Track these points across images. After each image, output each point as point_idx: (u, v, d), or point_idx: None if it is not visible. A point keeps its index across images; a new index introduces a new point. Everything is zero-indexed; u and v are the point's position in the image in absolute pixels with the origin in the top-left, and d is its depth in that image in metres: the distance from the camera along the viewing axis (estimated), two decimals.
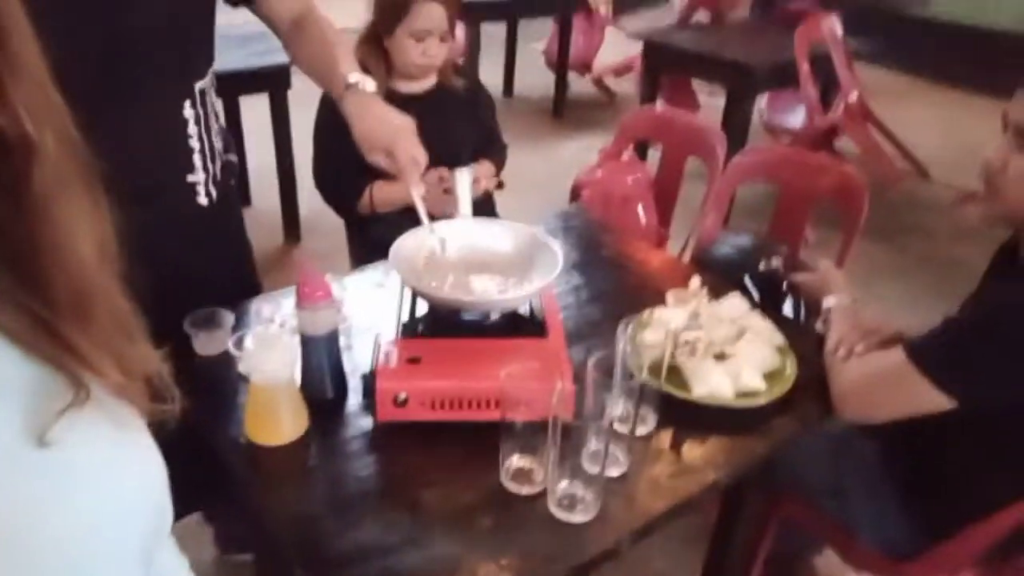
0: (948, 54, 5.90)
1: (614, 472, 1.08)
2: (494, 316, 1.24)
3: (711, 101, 4.77)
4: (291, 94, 3.10)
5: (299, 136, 3.01)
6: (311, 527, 0.99)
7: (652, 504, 1.05)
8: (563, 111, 5.09)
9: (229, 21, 1.42)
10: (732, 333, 1.28)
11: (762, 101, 4.28)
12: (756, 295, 1.72)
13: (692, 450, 1.14)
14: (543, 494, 1.04)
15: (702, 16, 4.76)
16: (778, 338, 1.31)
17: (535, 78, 5.45)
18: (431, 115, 2.05)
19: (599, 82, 5.28)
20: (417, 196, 1.28)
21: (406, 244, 1.28)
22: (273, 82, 3.04)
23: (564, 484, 1.03)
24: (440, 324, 1.23)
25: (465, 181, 1.36)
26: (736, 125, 3.48)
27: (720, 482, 1.10)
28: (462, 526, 1.00)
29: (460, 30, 4.55)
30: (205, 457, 1.15)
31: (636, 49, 4.51)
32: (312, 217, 3.29)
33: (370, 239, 2.00)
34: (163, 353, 0.66)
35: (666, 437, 1.16)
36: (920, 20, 6.48)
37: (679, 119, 2.44)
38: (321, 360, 1.15)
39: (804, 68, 3.52)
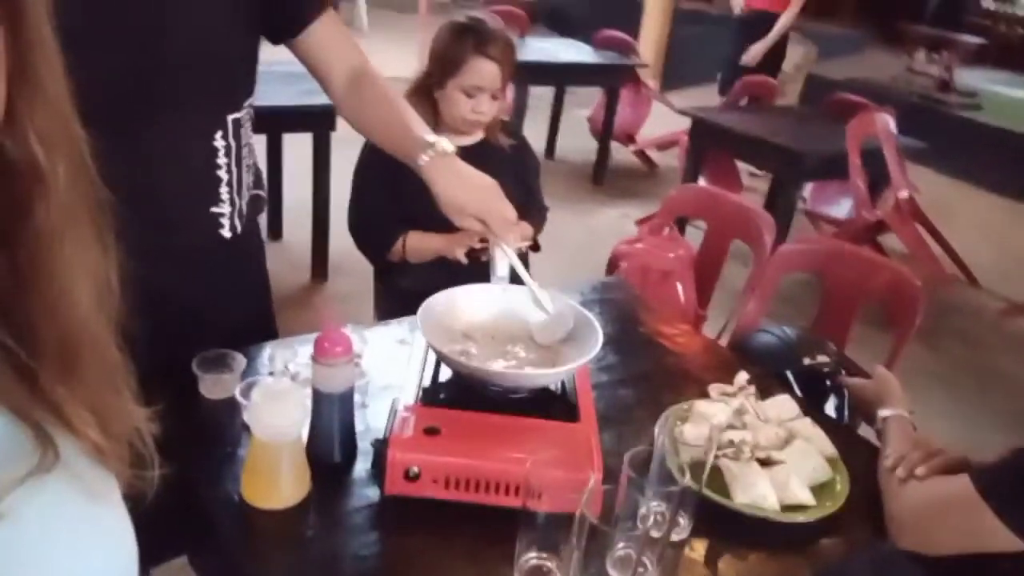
0: (997, 160, 5.84)
1: None
2: (523, 392, 1.15)
3: (753, 183, 4.72)
4: (333, 135, 3.10)
5: (337, 176, 3.00)
6: None
7: None
8: (603, 178, 5.06)
9: (278, 57, 1.38)
10: (780, 437, 1.17)
11: (806, 189, 4.21)
12: (797, 391, 1.61)
13: (729, 566, 1.02)
14: None
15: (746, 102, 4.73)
16: (829, 448, 1.20)
17: (578, 143, 5.45)
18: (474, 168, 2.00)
19: (641, 153, 5.26)
20: (510, 252, 1.24)
21: (437, 302, 1.20)
22: (318, 122, 3.03)
23: None
24: (464, 394, 1.14)
25: (508, 247, 1.28)
26: (780, 211, 3.41)
27: None
28: None
29: (508, 91, 4.58)
30: (196, 505, 1.05)
31: (681, 124, 4.49)
32: (341, 257, 3.25)
33: (397, 288, 1.93)
34: (151, 412, 0.58)
35: (701, 547, 1.05)
36: (971, 124, 6.44)
37: (728, 199, 2.36)
38: (332, 419, 1.06)
39: (855, 160, 3.45)
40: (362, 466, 1.10)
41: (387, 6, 9.09)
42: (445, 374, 1.19)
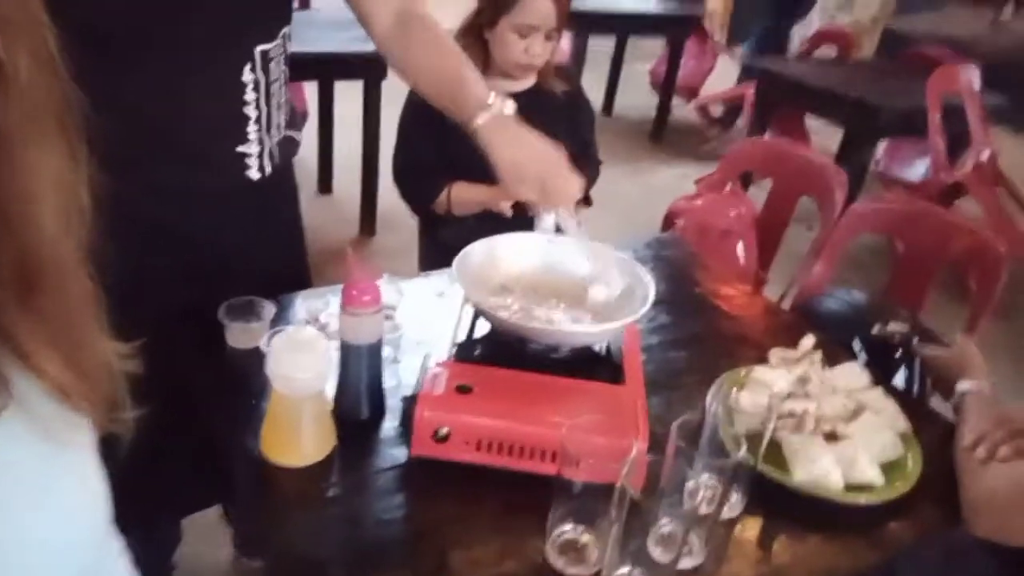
0: None
1: (686, 563, 0.88)
2: (564, 350, 1.07)
3: (822, 143, 4.49)
4: (385, 85, 3.01)
5: (388, 128, 2.93)
6: (314, 573, 0.83)
7: None
8: (663, 136, 4.88)
9: (329, 3, 1.29)
10: (847, 409, 1.06)
11: (879, 149, 3.98)
12: (863, 360, 1.49)
13: (785, 549, 0.93)
14: None
15: (825, 52, 4.47)
16: (902, 423, 1.08)
17: (638, 99, 5.26)
18: (525, 116, 1.89)
19: (704, 110, 5.04)
20: (573, 232, 1.14)
21: (476, 251, 1.11)
22: (369, 70, 2.95)
23: (623, 571, 0.84)
24: (501, 351, 1.06)
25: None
26: (852, 170, 3.20)
27: None
28: None
29: (567, 40, 4.41)
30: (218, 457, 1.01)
31: (749, 82, 4.27)
32: (390, 212, 3.19)
33: (440, 241, 1.85)
34: (126, 349, 0.52)
35: (754, 527, 0.96)
36: None
37: (795, 153, 2.21)
38: (359, 374, 0.99)
39: (935, 117, 3.22)
40: (391, 425, 1.03)
41: None
42: (482, 329, 1.11)
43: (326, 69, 3.00)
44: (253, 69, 1.10)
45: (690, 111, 5.14)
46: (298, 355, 0.89)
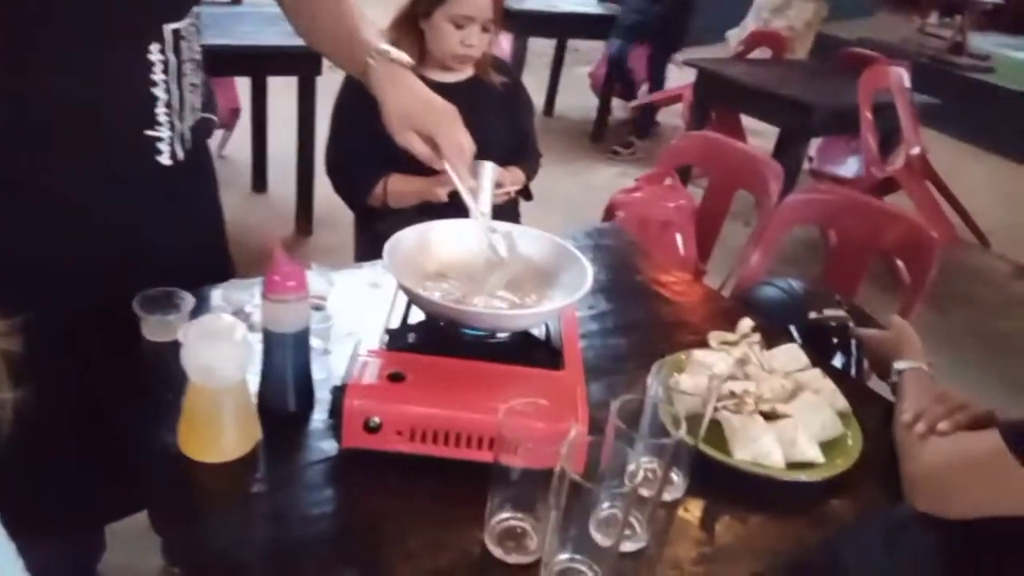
0: (1009, 124, 5.67)
1: (628, 547, 0.86)
2: (501, 336, 1.03)
3: (758, 144, 4.56)
4: (320, 81, 2.94)
5: (323, 125, 2.86)
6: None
7: None
8: (603, 136, 4.90)
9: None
10: (786, 389, 1.05)
11: (811, 147, 4.06)
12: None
13: (728, 529, 0.91)
14: (536, 565, 0.81)
15: (759, 54, 4.55)
16: (841, 401, 1.08)
17: (578, 101, 5.28)
18: (462, 108, 1.84)
19: (639, 111, 5.08)
20: (464, 188, 1.07)
21: (406, 237, 1.07)
22: (303, 66, 2.88)
23: (564, 557, 0.80)
24: (435, 338, 1.02)
25: (487, 174, 1.15)
26: (787, 167, 3.26)
27: (760, 574, 0.87)
28: None
29: (506, 42, 4.40)
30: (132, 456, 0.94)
31: (685, 82, 4.32)
32: (327, 210, 3.11)
33: (377, 234, 1.79)
34: (7, 327, 0.47)
35: (696, 508, 0.94)
36: (983, 87, 6.25)
37: (733, 147, 2.23)
38: (284, 364, 0.94)
39: (867, 114, 3.30)
40: (320, 418, 0.98)
41: None
42: (416, 317, 1.07)
43: (258, 64, 2.92)
44: (163, 49, 1.03)
45: (629, 111, 5.18)
46: (215, 343, 0.84)
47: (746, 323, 1.18)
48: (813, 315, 1.62)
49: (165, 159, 1.08)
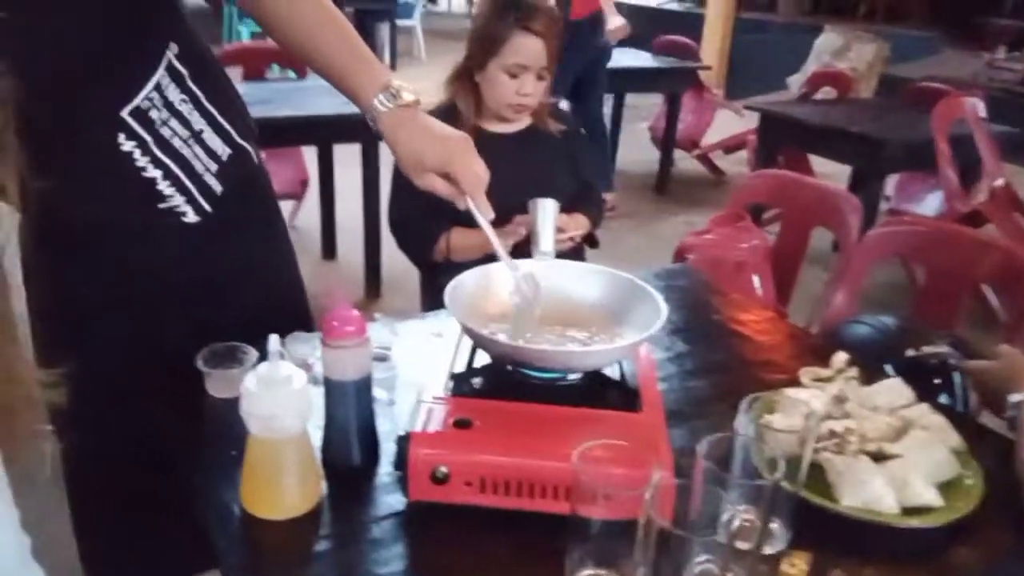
0: None
1: None
2: (572, 378, 0.97)
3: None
4: (384, 148, 3.00)
5: (388, 190, 2.91)
6: None
7: None
8: (667, 188, 4.85)
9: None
10: (893, 427, 0.95)
11: (888, 187, 3.91)
12: None
13: None
14: None
15: (825, 95, 4.46)
16: (955, 438, 0.97)
17: (639, 155, 5.26)
18: (522, 157, 1.84)
19: (706, 159, 5.02)
20: (485, 223, 1.03)
21: (467, 280, 1.03)
22: (367, 132, 2.92)
23: None
24: (502, 382, 0.97)
25: (548, 212, 1.11)
26: (863, 207, 3.14)
27: None
28: None
29: (565, 104, 4.42)
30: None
31: (749, 128, 4.26)
32: (396, 275, 3.13)
33: (441, 289, 1.77)
34: (49, 376, 0.44)
35: (802, 561, 0.84)
36: None
37: (806, 183, 2.14)
38: (347, 413, 0.90)
39: (943, 147, 3.16)
40: (386, 471, 0.93)
41: (444, 36, 9.13)
42: (481, 361, 1.02)
43: (323, 132, 2.99)
44: (131, 135, 0.97)
45: (693, 163, 5.13)
46: (273, 392, 0.80)
47: (841, 357, 1.09)
48: (911, 352, 1.50)
49: (191, 217, 1.05)
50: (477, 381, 0.98)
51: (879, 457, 0.91)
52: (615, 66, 4.58)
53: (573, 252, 1.84)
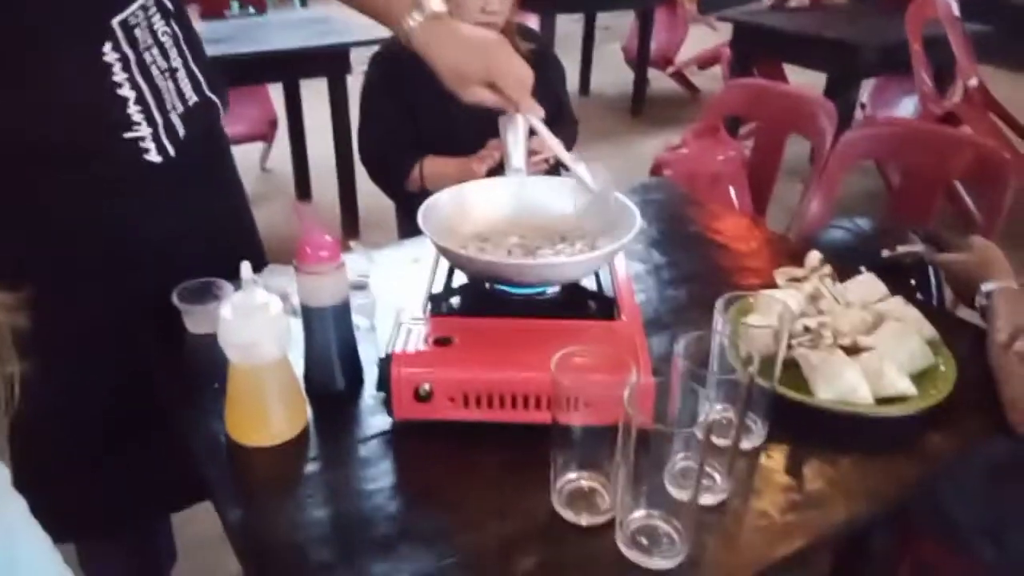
0: None
1: (709, 499, 0.79)
2: (551, 291, 0.97)
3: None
4: (351, 81, 2.93)
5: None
6: (298, 559, 0.73)
7: (762, 548, 0.76)
8: (643, 109, 4.79)
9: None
10: (867, 322, 0.97)
11: (863, 94, 3.88)
12: None
13: (817, 473, 0.84)
14: (610, 526, 0.75)
15: (797, 2, 4.38)
16: (928, 329, 0.99)
17: (613, 76, 5.18)
18: None
19: (681, 76, 4.95)
20: (540, 125, 1.03)
21: (441, 200, 1.02)
22: (332, 66, 2.87)
23: (639, 514, 0.74)
24: (481, 299, 0.97)
25: (519, 128, 1.09)
26: (839, 114, 3.11)
27: (858, 518, 0.80)
28: (499, 567, 0.72)
29: (534, 21, 4.32)
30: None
31: (723, 42, 4.19)
32: (373, 212, 3.10)
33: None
34: (14, 300, 0.43)
35: (780, 455, 0.86)
36: None
37: (780, 89, 2.13)
38: (327, 339, 0.90)
39: (916, 48, 3.13)
40: (371, 394, 0.94)
41: None
42: (460, 281, 1.02)
43: (287, 67, 2.91)
44: (116, 46, 0.96)
45: (667, 81, 5.06)
46: (250, 319, 0.80)
47: (814, 256, 1.10)
48: (886, 253, 1.52)
49: (153, 156, 1.01)
50: (455, 300, 0.99)
51: (853, 350, 0.93)
52: None
53: (549, 173, 1.82)
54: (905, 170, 1.85)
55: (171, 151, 1.03)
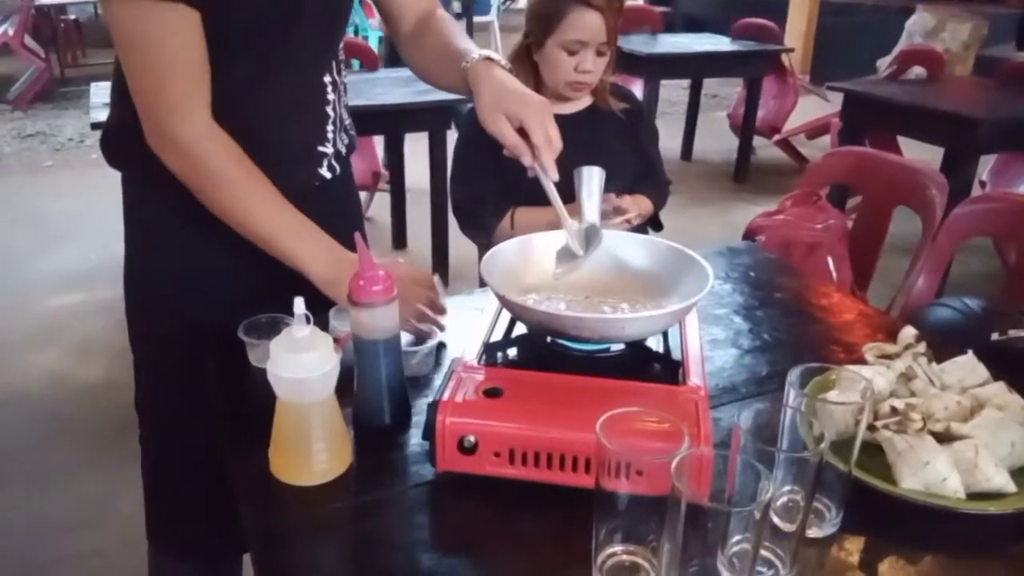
0: None
1: None
2: (614, 349, 0.93)
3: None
4: (451, 136, 3.00)
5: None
6: None
7: None
8: (746, 176, 4.70)
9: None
10: (964, 407, 0.87)
11: (983, 171, 3.67)
12: None
13: (895, 570, 0.74)
14: None
15: (915, 73, 4.22)
16: None
17: (717, 143, 5.12)
18: (582, 136, 1.77)
19: (788, 144, 4.83)
20: (549, 185, 1.01)
21: (505, 249, 1.00)
22: (434, 120, 2.95)
23: None
24: (539, 353, 0.93)
25: (594, 181, 1.07)
26: (955, 190, 2.95)
27: None
28: None
29: (638, 87, 4.33)
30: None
31: (834, 112, 4.07)
32: (465, 263, 3.13)
33: None
34: None
35: (854, 546, 0.77)
36: None
37: (887, 160, 2.02)
38: (377, 371, 0.88)
39: None
40: (417, 441, 0.91)
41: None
42: (520, 333, 0.99)
43: (392, 121, 3.02)
44: (330, 72, 1.14)
45: (774, 151, 4.95)
46: (298, 354, 0.79)
47: (909, 331, 1.01)
48: (996, 336, 1.40)
49: (325, 171, 1.17)
50: (513, 351, 0.95)
51: (946, 438, 0.83)
52: (691, 51, 4.47)
53: (637, 232, 1.78)
54: (1021, 247, 1.71)
55: (337, 170, 1.20)
